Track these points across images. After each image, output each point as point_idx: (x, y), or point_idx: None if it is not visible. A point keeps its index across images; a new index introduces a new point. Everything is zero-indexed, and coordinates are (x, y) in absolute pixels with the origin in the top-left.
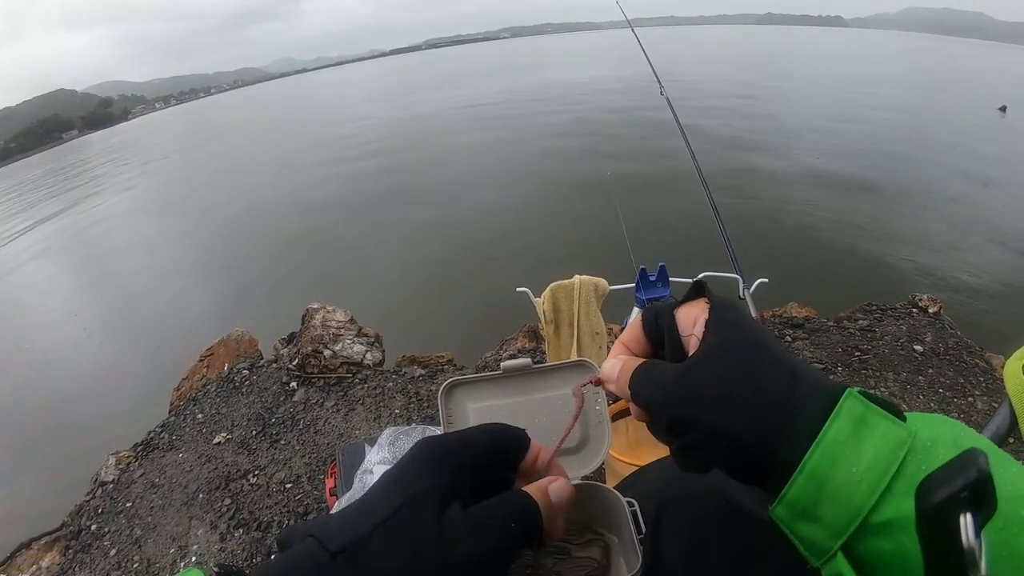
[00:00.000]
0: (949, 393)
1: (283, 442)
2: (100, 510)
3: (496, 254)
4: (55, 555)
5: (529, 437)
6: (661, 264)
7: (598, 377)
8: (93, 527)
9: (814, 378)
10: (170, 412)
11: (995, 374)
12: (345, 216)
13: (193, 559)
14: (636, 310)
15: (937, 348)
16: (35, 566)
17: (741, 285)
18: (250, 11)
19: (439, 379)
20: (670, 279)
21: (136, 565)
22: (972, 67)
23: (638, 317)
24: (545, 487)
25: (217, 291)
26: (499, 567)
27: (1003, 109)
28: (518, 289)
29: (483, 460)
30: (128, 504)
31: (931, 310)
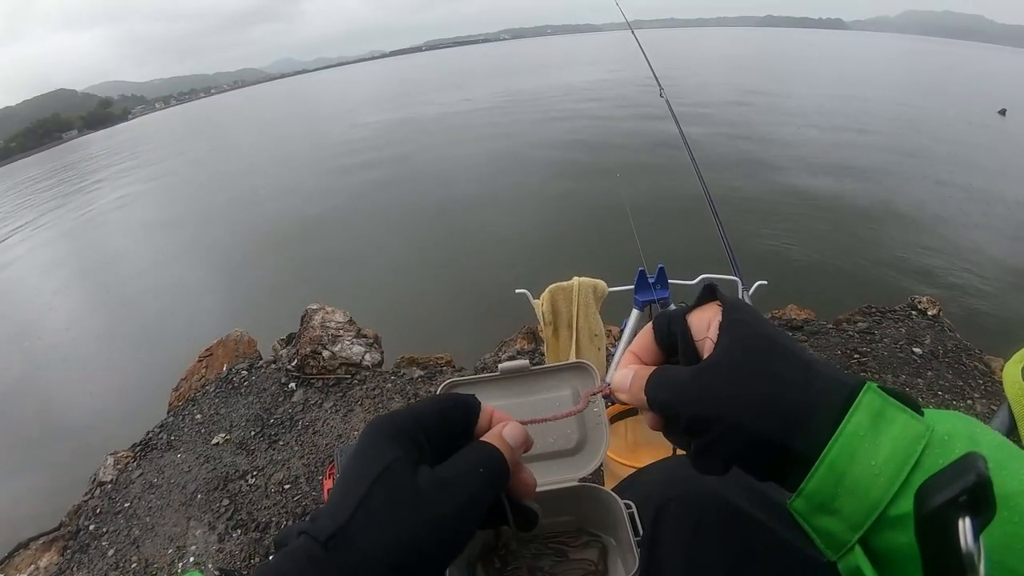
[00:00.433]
0: (948, 396)
1: (282, 443)
2: (98, 510)
3: (495, 255)
4: (53, 555)
5: (479, 401)
6: (660, 266)
7: (608, 387)
8: (91, 527)
9: (830, 372)
10: (169, 412)
11: (994, 377)
12: (345, 217)
13: (191, 560)
14: (635, 312)
15: (936, 350)
16: (33, 566)
17: (740, 287)
18: (250, 11)
19: (438, 380)
20: (669, 281)
21: (134, 565)
22: (972, 70)
23: (648, 327)
24: (499, 433)
25: (217, 291)
26: (479, 512)
27: (1003, 112)
28: (517, 291)
29: (435, 428)
30: (126, 504)
31: (930, 312)
